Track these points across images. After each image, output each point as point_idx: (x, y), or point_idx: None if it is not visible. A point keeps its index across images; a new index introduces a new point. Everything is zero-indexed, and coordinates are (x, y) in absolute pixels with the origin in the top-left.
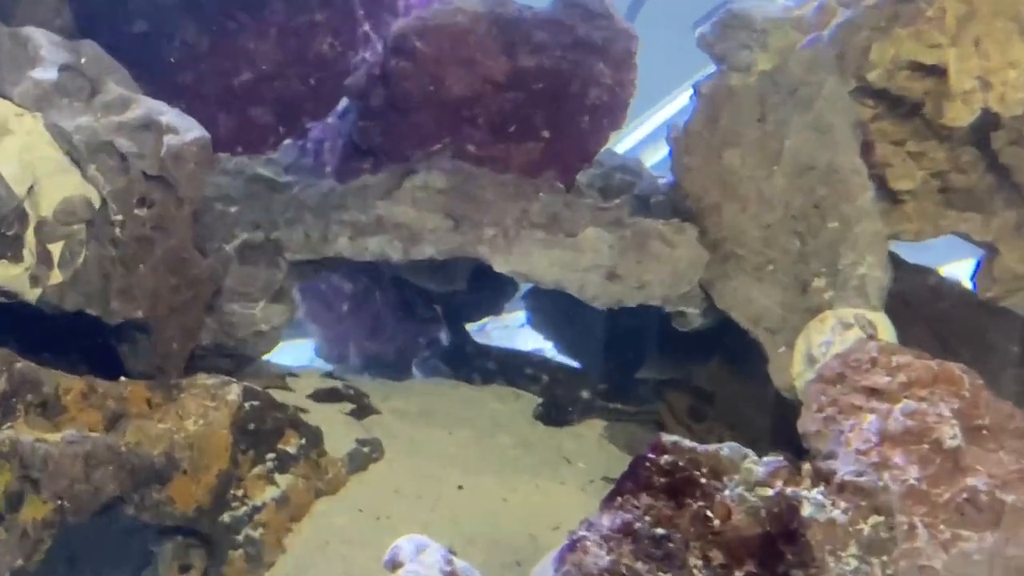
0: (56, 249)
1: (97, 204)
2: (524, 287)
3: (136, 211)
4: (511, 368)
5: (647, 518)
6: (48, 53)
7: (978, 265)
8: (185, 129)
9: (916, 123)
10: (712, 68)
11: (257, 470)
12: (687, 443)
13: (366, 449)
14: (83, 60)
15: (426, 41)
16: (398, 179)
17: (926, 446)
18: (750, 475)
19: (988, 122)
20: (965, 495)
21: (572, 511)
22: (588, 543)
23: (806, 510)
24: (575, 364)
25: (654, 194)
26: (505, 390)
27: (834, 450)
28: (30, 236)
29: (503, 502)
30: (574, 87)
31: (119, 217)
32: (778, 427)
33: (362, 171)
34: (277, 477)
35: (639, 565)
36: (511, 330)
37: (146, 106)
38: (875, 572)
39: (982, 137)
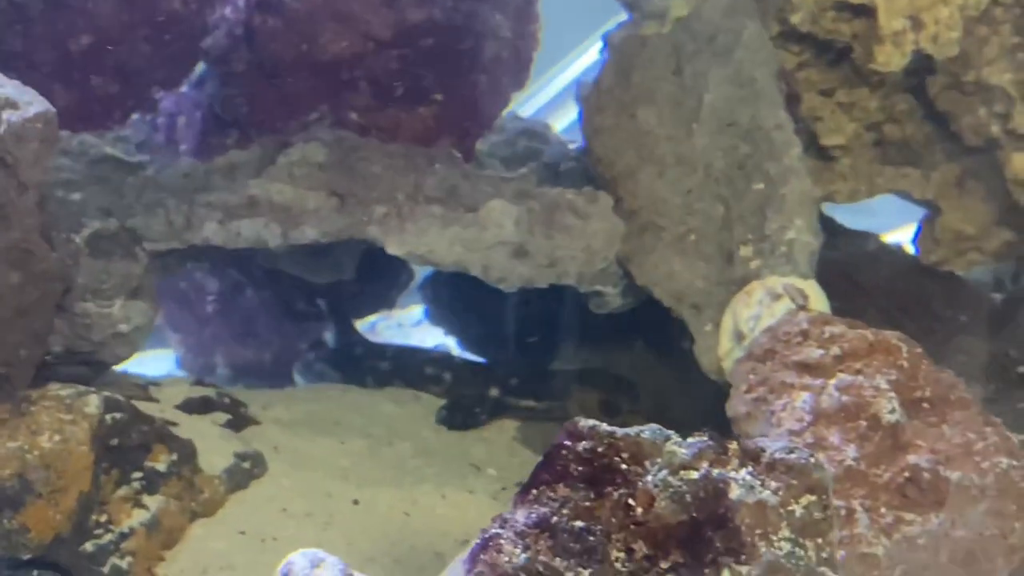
0: None
1: None
2: (420, 277)
3: None
4: (408, 367)
5: (565, 511)
6: None
7: (919, 227)
8: (26, 103)
9: (845, 70)
10: (624, 17)
11: (122, 491)
12: (605, 427)
13: (246, 464)
14: None
15: None
16: (271, 154)
17: (863, 423)
18: (673, 458)
19: (922, 66)
20: (907, 474)
21: (482, 523)
22: (502, 541)
23: (734, 492)
24: (481, 360)
25: (563, 161)
26: (403, 392)
27: (765, 433)
28: None
29: (405, 516)
30: (467, 42)
31: None
32: (708, 415)
33: (226, 146)
34: (145, 499)
35: (557, 562)
36: (405, 328)
37: None
38: (810, 555)
39: (917, 83)
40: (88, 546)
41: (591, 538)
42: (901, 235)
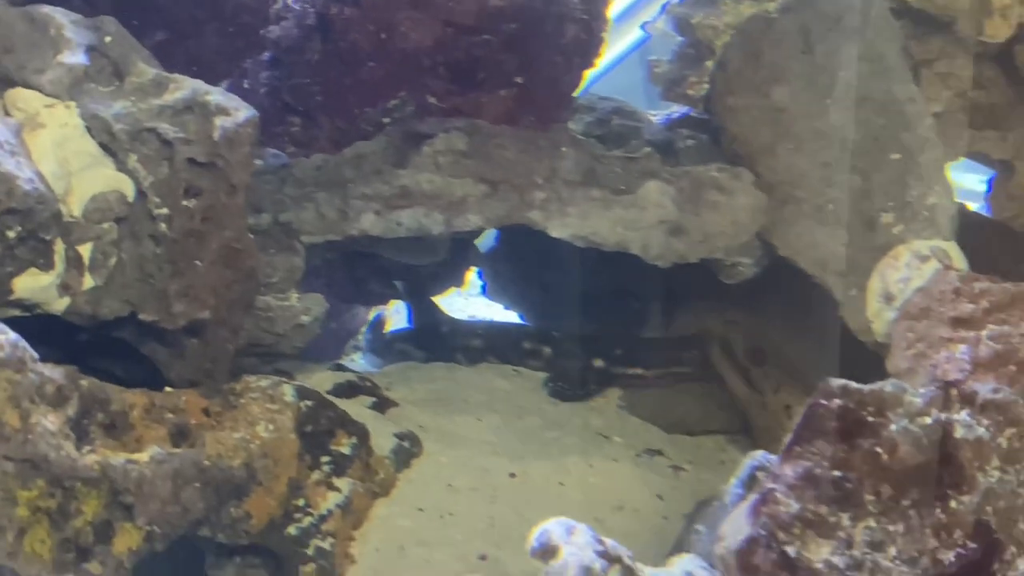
0: (85, 251)
1: (131, 198)
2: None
3: (184, 202)
4: (503, 343)
5: (825, 463)
6: (73, 34)
7: (990, 186)
8: (235, 109)
9: (942, 42)
10: None
11: (316, 476)
12: (853, 385)
13: (406, 444)
14: (107, 39)
15: None
16: (397, 144)
17: (1013, 367)
18: (911, 407)
19: (1012, 36)
20: None
21: (632, 488)
22: (777, 494)
23: (958, 432)
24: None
25: (679, 139)
26: (502, 368)
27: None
28: (59, 239)
29: (560, 486)
30: (549, 25)
31: (163, 211)
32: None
33: (291, 134)
34: (336, 481)
35: (822, 508)
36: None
37: (189, 86)
38: (1012, 479)
39: (1002, 52)
40: (292, 529)
41: (848, 485)
42: None
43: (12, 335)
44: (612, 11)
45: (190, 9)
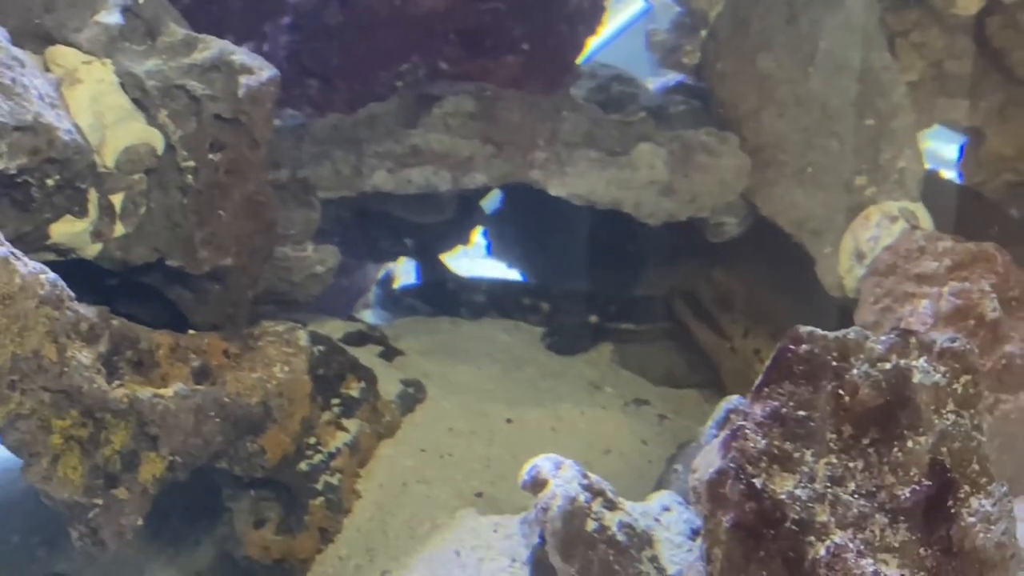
0: (117, 201)
1: (160, 151)
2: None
3: (210, 156)
4: (505, 299)
5: (791, 403)
6: None
7: (961, 152)
8: (259, 68)
9: (917, 13)
10: None
11: (326, 416)
12: (819, 332)
13: (411, 390)
14: (140, 0)
15: None
16: (411, 105)
17: (972, 321)
18: (872, 353)
19: (983, 8)
20: (1003, 362)
21: (620, 434)
22: (747, 431)
23: (915, 377)
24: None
25: (670, 104)
26: (503, 322)
27: None
28: (93, 188)
29: (552, 431)
30: None
31: (190, 163)
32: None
33: (308, 95)
34: (345, 422)
35: (787, 445)
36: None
37: (216, 46)
38: (967, 422)
39: (976, 23)
40: (303, 465)
41: (811, 424)
42: None
43: (51, 274)
44: None
45: None
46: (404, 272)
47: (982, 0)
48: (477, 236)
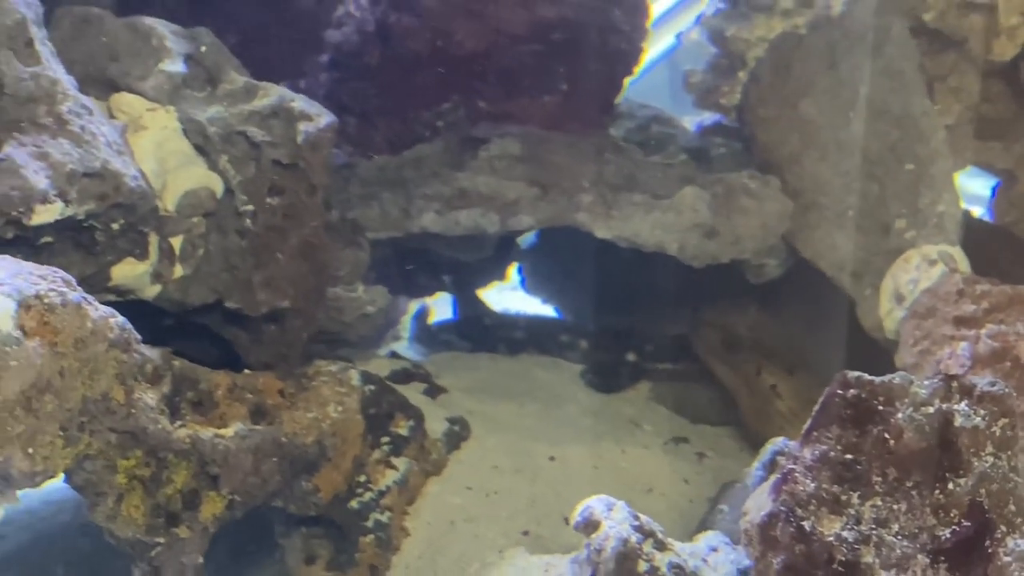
0: (177, 243)
1: (219, 195)
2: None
3: (268, 200)
4: (543, 336)
5: (839, 447)
6: (173, 44)
7: (993, 192)
8: (317, 115)
9: (954, 58)
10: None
11: (376, 454)
12: (866, 377)
13: (456, 427)
14: (203, 48)
15: None
16: (454, 147)
17: (1008, 363)
18: (916, 397)
19: (1019, 54)
20: None
21: (661, 473)
22: (796, 474)
23: (957, 421)
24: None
25: (711, 147)
26: (541, 359)
27: None
28: (153, 232)
29: (594, 469)
30: (594, 36)
31: (249, 207)
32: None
33: (347, 134)
34: (394, 460)
35: (835, 488)
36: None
37: (276, 93)
38: (1004, 464)
39: (1011, 68)
40: (354, 503)
41: (858, 467)
42: None
43: (120, 318)
44: None
45: (257, 16)
46: (438, 306)
47: (1018, 46)
48: (512, 271)
